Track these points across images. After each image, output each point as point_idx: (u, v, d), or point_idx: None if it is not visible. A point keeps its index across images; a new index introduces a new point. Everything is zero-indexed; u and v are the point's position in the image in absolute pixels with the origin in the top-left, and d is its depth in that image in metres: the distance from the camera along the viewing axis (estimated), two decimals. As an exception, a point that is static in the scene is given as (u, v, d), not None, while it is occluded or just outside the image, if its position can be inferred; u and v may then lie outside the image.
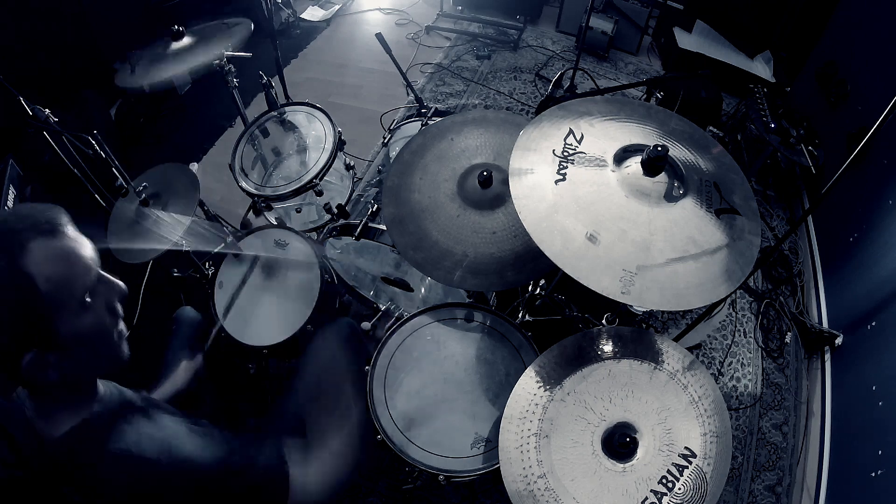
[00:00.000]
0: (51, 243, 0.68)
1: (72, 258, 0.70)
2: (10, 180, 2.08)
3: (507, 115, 1.53)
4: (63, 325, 0.69)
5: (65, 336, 0.70)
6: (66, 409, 0.77)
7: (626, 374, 1.07)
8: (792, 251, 2.48)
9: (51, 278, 0.67)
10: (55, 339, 0.69)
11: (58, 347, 0.70)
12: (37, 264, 0.66)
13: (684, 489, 0.93)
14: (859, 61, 2.33)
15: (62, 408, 0.77)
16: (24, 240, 0.66)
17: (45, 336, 0.69)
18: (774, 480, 1.88)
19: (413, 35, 3.64)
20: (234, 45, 1.79)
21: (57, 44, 2.71)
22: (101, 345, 0.75)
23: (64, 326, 0.70)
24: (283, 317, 1.58)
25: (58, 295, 0.68)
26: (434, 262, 1.24)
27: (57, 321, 0.69)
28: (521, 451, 1.02)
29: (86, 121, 2.51)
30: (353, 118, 3.03)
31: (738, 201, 1.07)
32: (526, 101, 3.18)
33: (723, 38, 3.10)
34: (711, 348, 2.17)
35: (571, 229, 1.01)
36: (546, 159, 1.10)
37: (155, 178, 1.63)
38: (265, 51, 2.13)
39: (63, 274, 0.68)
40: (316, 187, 1.81)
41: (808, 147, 2.28)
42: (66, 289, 0.69)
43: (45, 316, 0.68)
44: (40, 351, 0.69)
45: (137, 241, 1.53)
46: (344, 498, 1.79)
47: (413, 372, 1.44)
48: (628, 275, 0.96)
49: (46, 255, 0.67)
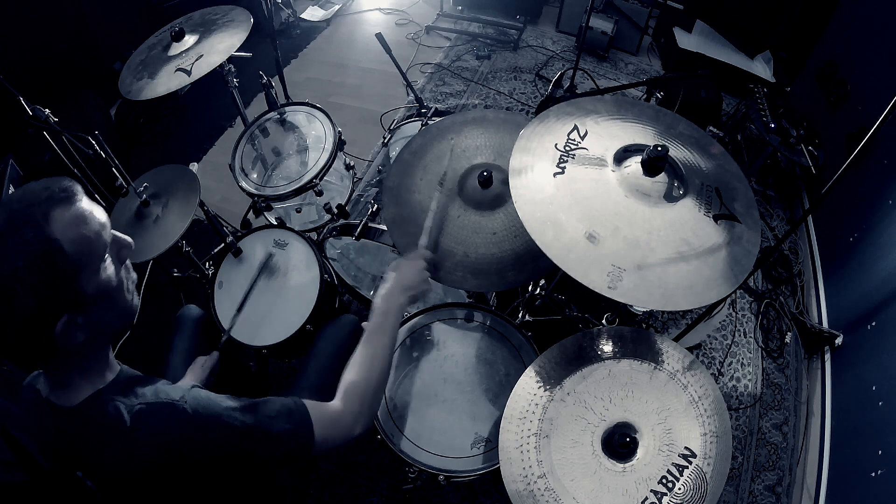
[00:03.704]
0: (70, 209, 0.73)
1: (90, 220, 0.75)
2: (10, 180, 2.08)
3: (507, 114, 1.53)
4: (89, 284, 0.74)
5: (91, 294, 0.74)
6: (83, 376, 0.81)
7: (626, 374, 1.08)
8: (792, 251, 2.48)
9: (75, 241, 0.71)
10: (83, 298, 0.74)
11: (85, 307, 0.74)
12: (61, 230, 0.70)
13: (684, 489, 0.93)
14: (859, 61, 2.33)
15: (79, 374, 0.80)
16: (47, 209, 0.71)
17: (76, 297, 0.73)
18: (774, 480, 1.88)
19: (413, 35, 3.64)
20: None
21: (57, 44, 2.71)
22: (119, 298, 0.80)
23: (90, 285, 0.74)
24: (283, 317, 1.59)
25: (83, 256, 0.72)
26: (434, 263, 1.24)
27: (84, 281, 0.73)
28: (521, 451, 1.02)
29: (86, 121, 2.51)
30: (353, 118, 3.03)
31: (740, 209, 1.07)
32: (526, 101, 3.18)
33: (723, 38, 3.10)
34: (711, 348, 2.17)
35: (564, 222, 1.01)
36: (547, 152, 1.11)
37: (155, 178, 1.63)
38: (265, 51, 2.13)
39: (85, 235, 0.73)
40: (316, 187, 1.81)
41: (808, 147, 2.27)
42: (89, 249, 0.73)
43: (73, 277, 0.72)
44: (71, 314, 0.73)
45: (137, 241, 1.53)
46: (345, 497, 1.80)
47: (413, 372, 1.44)
48: (617, 270, 0.96)
49: (69, 220, 0.72)
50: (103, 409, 0.79)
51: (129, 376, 0.86)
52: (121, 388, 0.82)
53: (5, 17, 2.45)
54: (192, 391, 0.85)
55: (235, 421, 0.83)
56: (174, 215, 1.53)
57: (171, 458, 0.79)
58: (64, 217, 0.71)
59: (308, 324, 1.57)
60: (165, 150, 2.96)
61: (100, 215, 0.77)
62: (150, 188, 1.58)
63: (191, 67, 1.67)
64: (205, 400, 0.84)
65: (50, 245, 0.69)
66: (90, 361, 0.81)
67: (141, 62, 1.78)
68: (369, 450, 1.87)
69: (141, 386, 0.84)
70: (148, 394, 0.82)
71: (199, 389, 0.87)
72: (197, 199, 1.53)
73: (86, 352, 0.79)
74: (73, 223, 0.72)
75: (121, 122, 3.01)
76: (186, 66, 1.68)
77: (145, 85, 1.68)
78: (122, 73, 1.76)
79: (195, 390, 0.86)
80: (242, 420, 0.84)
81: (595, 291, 0.95)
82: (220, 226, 1.73)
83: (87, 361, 0.81)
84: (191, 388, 0.86)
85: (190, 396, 0.83)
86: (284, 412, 0.89)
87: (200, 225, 2.19)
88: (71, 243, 0.71)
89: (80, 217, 0.73)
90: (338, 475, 1.84)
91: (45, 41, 2.65)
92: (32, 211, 0.70)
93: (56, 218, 0.71)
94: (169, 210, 1.55)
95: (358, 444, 1.86)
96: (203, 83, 1.73)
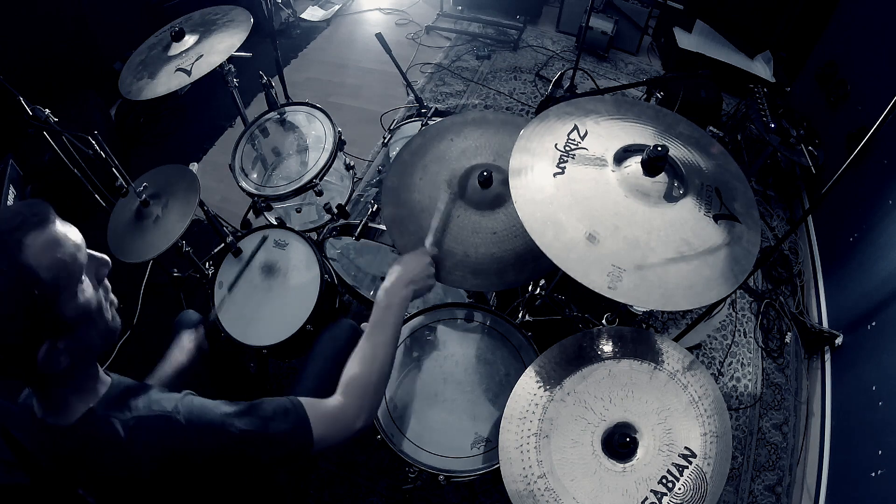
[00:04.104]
0: (43, 234, 0.71)
1: (64, 243, 0.73)
2: (10, 180, 2.08)
3: (507, 115, 1.53)
4: (68, 309, 0.73)
5: (70, 318, 0.73)
6: (75, 395, 0.80)
7: (626, 374, 1.08)
8: (792, 251, 2.48)
9: (51, 266, 0.70)
10: (63, 324, 0.73)
11: (66, 332, 0.73)
12: (35, 256, 0.69)
13: (684, 489, 0.93)
14: (859, 61, 2.33)
15: (70, 393, 0.79)
16: (19, 237, 0.69)
17: (55, 323, 0.72)
18: (774, 480, 1.88)
19: (413, 35, 3.64)
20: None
21: (57, 44, 2.71)
22: (100, 318, 0.79)
23: (69, 309, 0.73)
24: (283, 317, 1.59)
25: (60, 280, 0.71)
26: (436, 261, 1.24)
27: (62, 305, 0.72)
28: (521, 451, 1.02)
29: (86, 121, 2.51)
30: (353, 118, 3.03)
31: (740, 209, 1.07)
32: (526, 101, 3.18)
33: (723, 38, 3.10)
34: (711, 348, 2.17)
35: (564, 222, 1.01)
36: (547, 152, 1.11)
37: (155, 178, 1.63)
38: (265, 51, 2.13)
39: (60, 259, 0.71)
40: (316, 187, 1.81)
41: (808, 147, 2.27)
42: (65, 273, 0.72)
43: (51, 303, 0.71)
44: (52, 340, 0.72)
45: (137, 241, 1.53)
46: (345, 497, 1.80)
47: (413, 372, 1.44)
48: (617, 270, 0.96)
49: (42, 245, 0.70)
50: (98, 425, 0.78)
51: (121, 388, 0.85)
52: (114, 402, 0.81)
53: (5, 17, 2.45)
54: (185, 399, 0.84)
55: (231, 427, 0.83)
56: (174, 215, 1.53)
57: (168, 469, 0.79)
58: (37, 242, 0.69)
59: (308, 324, 1.57)
60: (165, 150, 2.96)
61: (74, 237, 0.76)
62: (150, 188, 1.58)
63: (191, 67, 1.67)
64: (199, 408, 0.83)
65: (26, 273, 0.68)
66: (79, 381, 0.80)
67: (141, 62, 1.78)
68: (369, 450, 1.87)
69: (134, 397, 0.83)
70: (141, 405, 0.81)
71: (193, 397, 0.86)
72: (197, 199, 1.53)
73: (72, 374, 0.78)
74: (47, 248, 0.70)
75: (121, 122, 3.01)
76: (186, 66, 1.68)
77: (145, 85, 1.68)
78: (122, 73, 1.76)
79: (188, 398, 0.85)
80: (238, 426, 0.83)
81: (595, 291, 0.95)
82: (220, 226, 1.73)
83: (76, 381, 0.80)
84: (184, 396, 0.85)
85: (183, 406, 0.82)
86: (281, 412, 0.88)
87: (200, 225, 2.19)
88: (47, 270, 0.69)
89: (53, 241, 0.72)
90: (338, 475, 1.84)
91: (45, 41, 2.65)
92: (5, 240, 0.68)
93: (29, 244, 0.69)
94: (169, 210, 1.55)
95: (358, 444, 1.86)
96: (203, 83, 1.73)
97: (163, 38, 1.81)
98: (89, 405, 0.80)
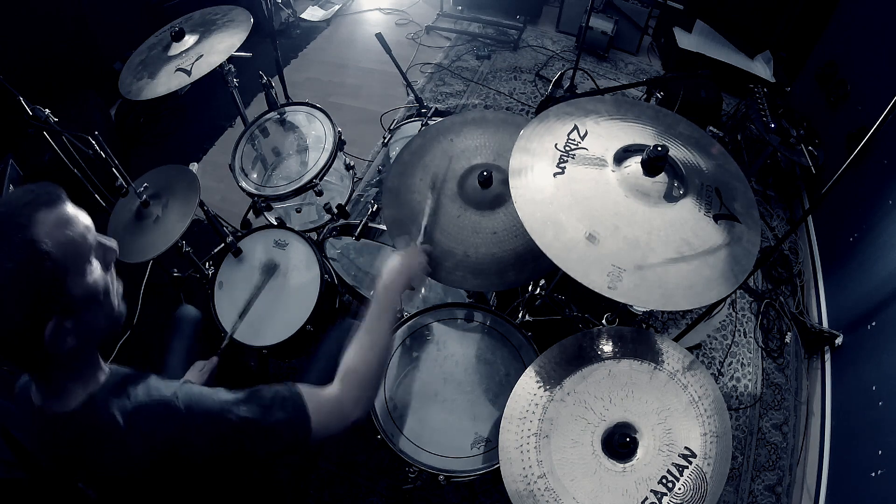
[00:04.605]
0: (55, 212, 0.73)
1: (75, 222, 0.75)
2: (10, 180, 2.08)
3: (507, 115, 1.53)
4: (76, 287, 0.74)
5: (78, 298, 0.74)
6: (76, 381, 0.80)
7: (626, 374, 1.08)
8: (792, 251, 2.48)
9: (61, 243, 0.71)
10: (71, 301, 0.73)
11: (73, 311, 0.74)
12: (47, 232, 0.70)
13: (684, 489, 0.93)
14: (859, 61, 2.33)
15: (72, 379, 0.80)
16: (31, 213, 0.70)
17: (63, 301, 0.73)
18: (774, 480, 1.88)
19: (413, 35, 3.64)
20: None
21: (57, 44, 2.71)
22: (106, 302, 0.80)
23: (77, 287, 0.74)
24: (284, 317, 1.58)
25: (69, 258, 0.72)
26: (434, 263, 1.24)
27: (71, 283, 0.73)
28: (521, 451, 1.02)
29: (86, 121, 2.51)
30: (353, 118, 3.03)
31: (740, 209, 1.07)
32: (526, 101, 3.18)
33: (723, 38, 3.10)
34: (711, 348, 2.17)
35: (564, 222, 1.01)
36: (547, 152, 1.11)
37: (155, 178, 1.63)
38: (265, 51, 2.13)
39: (70, 237, 0.73)
40: (316, 187, 1.81)
41: (808, 147, 2.27)
42: (74, 251, 0.73)
43: (61, 279, 0.72)
44: (60, 318, 0.73)
45: (137, 241, 1.53)
46: (345, 497, 1.80)
47: (413, 372, 1.44)
48: (617, 270, 0.96)
49: (53, 223, 0.72)
50: (98, 412, 0.79)
51: (120, 376, 0.86)
52: (114, 389, 0.82)
53: (5, 17, 2.45)
54: (183, 387, 0.85)
55: (229, 414, 0.83)
56: (174, 215, 1.53)
57: (167, 456, 0.79)
58: (48, 219, 0.71)
59: (308, 324, 1.57)
60: (165, 150, 2.96)
61: (84, 218, 0.77)
62: (150, 188, 1.58)
63: (191, 67, 1.67)
64: (197, 395, 0.84)
65: (37, 248, 0.69)
66: (81, 366, 0.81)
67: (141, 62, 1.78)
68: (369, 450, 1.87)
69: (133, 384, 0.83)
70: (140, 393, 0.82)
71: (192, 385, 0.86)
72: (197, 199, 1.53)
73: (76, 357, 0.79)
74: (58, 225, 0.72)
75: (121, 122, 3.01)
76: (186, 66, 1.68)
77: (145, 85, 1.68)
78: (122, 73, 1.76)
79: (187, 385, 0.85)
80: (237, 413, 0.83)
81: (595, 291, 0.95)
82: (220, 226, 1.73)
83: (78, 366, 0.81)
84: (182, 383, 0.86)
85: (182, 392, 0.83)
86: (278, 400, 0.88)
87: (200, 225, 2.18)
88: (57, 246, 0.71)
89: (64, 219, 0.73)
90: (338, 475, 1.84)
91: (45, 41, 2.65)
92: (17, 215, 0.70)
93: (41, 221, 0.70)
94: (169, 210, 1.55)
95: (358, 444, 1.86)
96: (203, 83, 1.73)
97: (163, 38, 1.81)
98: (90, 390, 0.80)
